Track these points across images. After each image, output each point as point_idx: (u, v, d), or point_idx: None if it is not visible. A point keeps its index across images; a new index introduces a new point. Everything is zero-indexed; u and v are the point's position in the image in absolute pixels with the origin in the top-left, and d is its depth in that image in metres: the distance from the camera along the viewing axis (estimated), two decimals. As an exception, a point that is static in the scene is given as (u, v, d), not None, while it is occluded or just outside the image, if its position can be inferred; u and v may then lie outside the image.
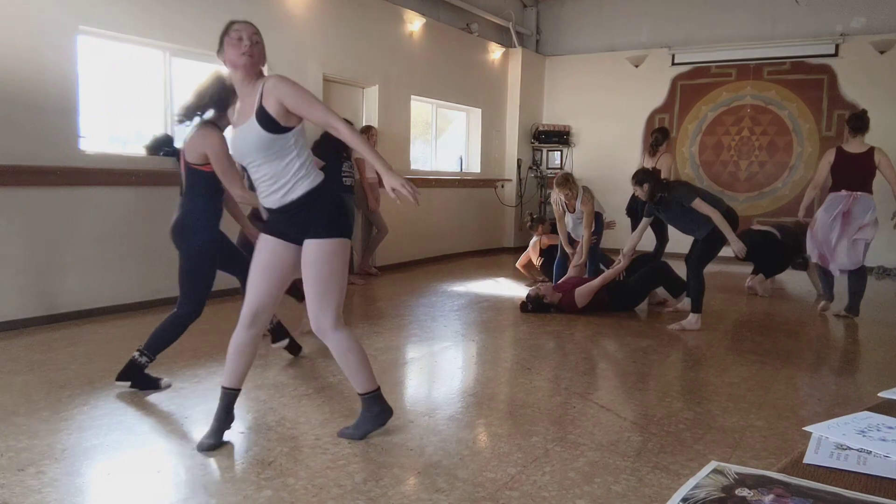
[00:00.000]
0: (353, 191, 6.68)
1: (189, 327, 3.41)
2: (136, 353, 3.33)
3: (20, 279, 4.55)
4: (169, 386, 3.39)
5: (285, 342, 3.97)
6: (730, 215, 5.12)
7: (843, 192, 5.35)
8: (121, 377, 3.31)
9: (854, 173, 5.34)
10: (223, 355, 3.98)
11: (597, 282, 5.49)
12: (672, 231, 5.94)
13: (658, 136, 6.73)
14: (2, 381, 3.46)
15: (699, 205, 4.96)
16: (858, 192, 5.31)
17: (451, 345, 4.55)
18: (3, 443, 2.63)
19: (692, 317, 5.04)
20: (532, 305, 5.51)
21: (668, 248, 6.61)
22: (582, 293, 5.46)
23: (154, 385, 3.35)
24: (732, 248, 5.04)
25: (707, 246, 5.12)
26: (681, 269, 5.55)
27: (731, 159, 9.26)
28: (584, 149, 10.17)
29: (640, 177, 5.26)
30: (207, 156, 3.19)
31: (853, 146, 5.43)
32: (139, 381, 3.33)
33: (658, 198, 5.15)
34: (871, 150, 5.37)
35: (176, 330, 3.38)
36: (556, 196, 6.06)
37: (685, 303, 5.46)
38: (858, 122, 5.43)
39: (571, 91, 10.29)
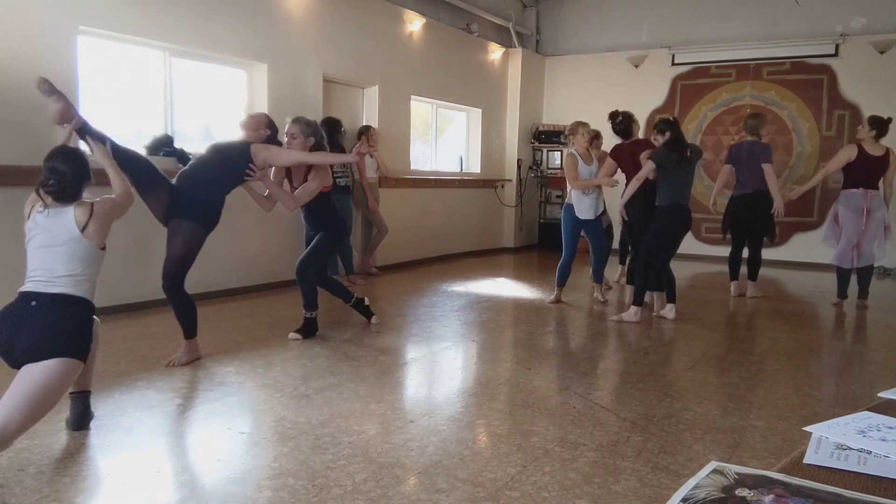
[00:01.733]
0: (349, 191, 6.68)
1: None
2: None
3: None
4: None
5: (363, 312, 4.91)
6: (678, 211, 5.17)
7: (861, 190, 5.66)
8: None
9: (872, 173, 5.67)
10: (222, 356, 4.00)
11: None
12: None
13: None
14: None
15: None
16: (873, 190, 5.67)
17: (452, 345, 4.55)
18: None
19: (632, 309, 5.22)
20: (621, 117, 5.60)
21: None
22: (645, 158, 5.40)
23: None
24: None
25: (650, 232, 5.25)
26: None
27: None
28: (584, 149, 10.16)
29: (661, 125, 5.31)
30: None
31: (873, 148, 5.70)
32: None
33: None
34: (888, 152, 5.69)
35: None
36: (580, 139, 5.78)
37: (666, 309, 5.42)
38: (884, 127, 5.71)
39: (571, 91, 10.29)
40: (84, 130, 3.33)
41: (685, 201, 5.22)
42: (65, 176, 2.76)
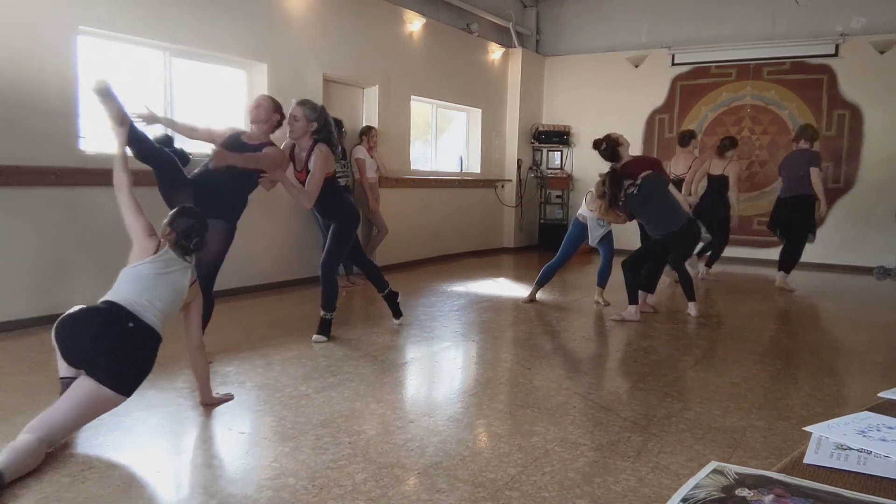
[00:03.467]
0: (349, 190, 6.68)
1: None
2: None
3: (22, 279, 4.55)
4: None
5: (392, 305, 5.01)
6: (675, 235, 5.22)
7: None
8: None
9: None
10: (223, 355, 4.00)
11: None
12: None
13: (726, 143, 7.16)
14: (5, 380, 3.46)
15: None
16: None
17: (452, 345, 4.55)
18: (4, 443, 2.63)
19: (631, 307, 5.27)
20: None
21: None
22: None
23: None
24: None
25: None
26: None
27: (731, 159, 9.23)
28: (584, 149, 10.09)
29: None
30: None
31: None
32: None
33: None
34: None
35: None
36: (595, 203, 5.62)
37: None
38: None
39: (571, 91, 10.29)
40: (132, 134, 3.43)
41: (676, 225, 5.18)
42: (204, 233, 3.10)
